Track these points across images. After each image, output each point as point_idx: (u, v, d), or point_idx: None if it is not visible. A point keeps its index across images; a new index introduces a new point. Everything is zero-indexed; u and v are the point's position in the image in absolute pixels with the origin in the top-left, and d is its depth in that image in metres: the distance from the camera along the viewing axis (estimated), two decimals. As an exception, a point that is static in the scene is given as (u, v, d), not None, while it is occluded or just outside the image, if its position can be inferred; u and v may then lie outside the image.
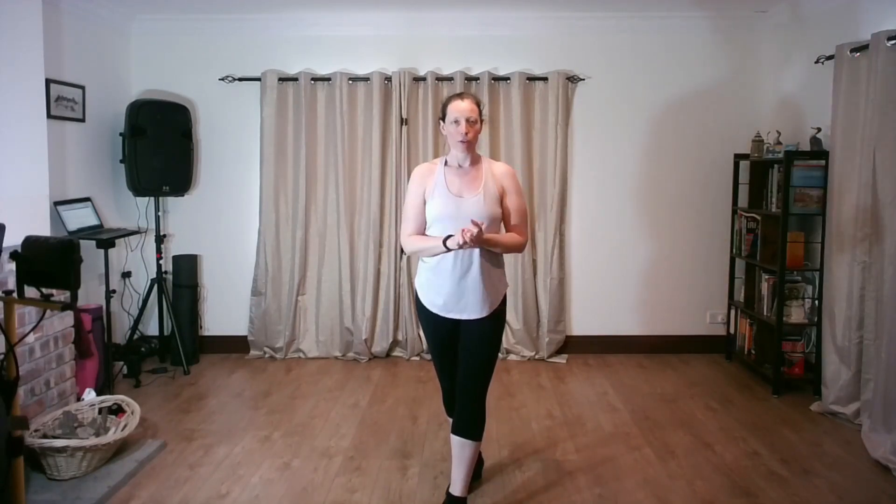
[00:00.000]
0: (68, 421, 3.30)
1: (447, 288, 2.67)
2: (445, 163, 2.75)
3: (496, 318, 2.74)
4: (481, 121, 2.71)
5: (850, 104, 3.79)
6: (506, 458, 3.39)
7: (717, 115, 5.01)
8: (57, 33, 4.16)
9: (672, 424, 3.82)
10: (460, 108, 2.64)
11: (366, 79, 4.91)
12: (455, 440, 2.76)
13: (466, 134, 2.63)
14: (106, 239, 4.21)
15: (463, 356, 2.74)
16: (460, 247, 2.54)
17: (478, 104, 2.71)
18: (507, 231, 2.78)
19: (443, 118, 2.73)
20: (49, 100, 3.96)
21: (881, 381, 3.49)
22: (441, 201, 2.66)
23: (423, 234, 2.74)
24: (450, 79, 4.90)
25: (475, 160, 2.74)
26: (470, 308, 2.68)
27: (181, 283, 4.95)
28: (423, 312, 2.81)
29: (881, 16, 3.72)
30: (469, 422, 2.73)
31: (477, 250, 2.64)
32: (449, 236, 2.57)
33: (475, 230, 2.44)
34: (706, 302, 5.16)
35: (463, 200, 2.65)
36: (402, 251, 4.92)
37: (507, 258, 4.88)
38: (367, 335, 5.00)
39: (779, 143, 4.42)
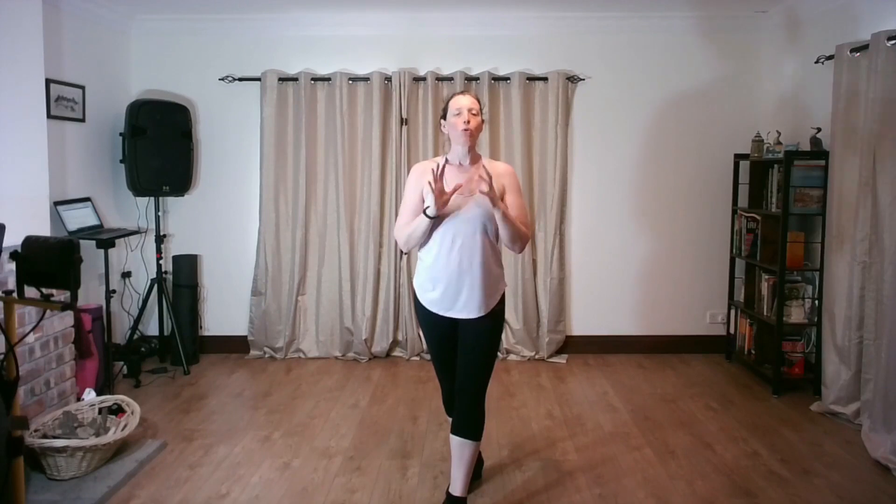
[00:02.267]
0: (68, 421, 3.30)
1: (444, 286, 2.66)
2: (446, 161, 2.73)
3: (495, 318, 2.73)
4: (482, 119, 2.73)
5: (850, 104, 3.79)
6: (506, 458, 3.39)
7: (717, 115, 5.01)
8: (57, 33, 4.16)
9: (672, 424, 3.82)
10: (462, 102, 2.68)
11: (366, 79, 4.91)
12: (454, 440, 2.75)
13: (468, 122, 2.63)
14: (106, 239, 4.21)
15: (462, 356, 2.74)
16: (440, 207, 2.53)
17: (479, 101, 2.74)
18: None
19: (444, 116, 2.74)
20: (49, 100, 3.96)
21: (881, 381, 3.49)
22: None
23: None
24: (450, 79, 4.90)
25: (475, 159, 2.74)
26: (468, 307, 2.67)
27: (181, 283, 4.95)
28: (421, 311, 2.81)
29: (881, 16, 3.72)
30: (468, 422, 2.73)
31: (477, 249, 2.63)
32: (427, 207, 2.57)
33: (483, 188, 2.47)
34: (706, 302, 5.16)
35: (461, 199, 2.63)
36: (402, 251, 4.93)
37: (507, 258, 4.93)
38: (367, 335, 5.01)
39: (779, 143, 4.42)
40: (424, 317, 2.80)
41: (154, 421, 3.87)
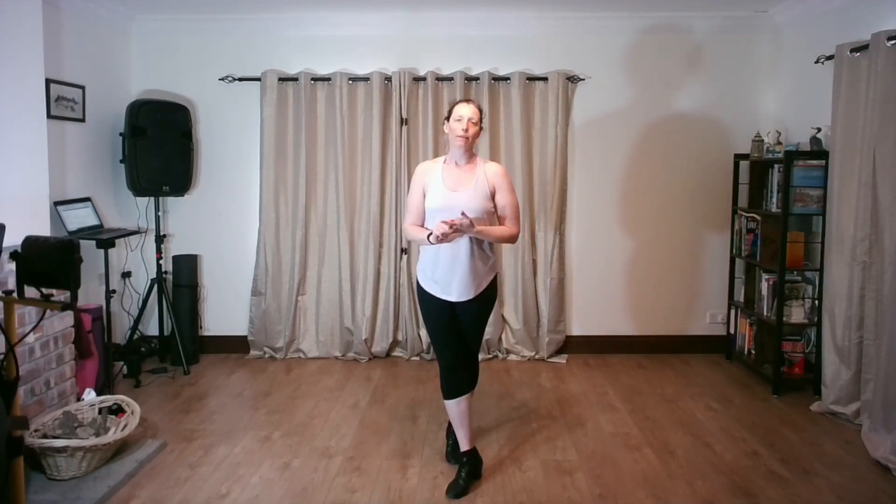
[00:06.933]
0: (68, 421, 3.30)
1: (439, 274, 3.02)
2: (445, 161, 3.10)
3: (484, 301, 3.10)
4: (481, 127, 3.04)
5: (850, 104, 3.79)
6: (506, 458, 3.38)
7: (717, 115, 5.01)
8: (57, 33, 4.16)
9: (672, 424, 3.82)
10: (464, 111, 3.00)
11: (366, 79, 4.91)
12: (462, 402, 3.08)
13: (467, 130, 2.97)
14: (106, 239, 4.21)
15: (466, 330, 3.12)
16: (438, 240, 2.84)
17: (480, 110, 3.04)
18: (501, 225, 3.10)
19: (448, 118, 3.05)
20: (49, 100, 3.96)
21: (881, 381, 3.49)
22: (437, 194, 3.01)
23: (422, 224, 3.06)
24: (450, 79, 4.90)
25: (471, 159, 3.07)
26: (458, 291, 3.02)
27: (181, 283, 4.95)
28: (422, 293, 3.13)
29: (881, 16, 3.72)
30: (474, 376, 3.18)
31: (464, 243, 2.95)
32: (430, 235, 2.89)
33: (463, 221, 2.79)
34: (706, 302, 5.16)
35: (455, 194, 2.98)
36: (402, 250, 4.97)
37: (507, 259, 4.95)
38: (367, 335, 5.00)
39: (779, 143, 4.42)
40: (425, 298, 3.12)
41: (154, 421, 3.87)
